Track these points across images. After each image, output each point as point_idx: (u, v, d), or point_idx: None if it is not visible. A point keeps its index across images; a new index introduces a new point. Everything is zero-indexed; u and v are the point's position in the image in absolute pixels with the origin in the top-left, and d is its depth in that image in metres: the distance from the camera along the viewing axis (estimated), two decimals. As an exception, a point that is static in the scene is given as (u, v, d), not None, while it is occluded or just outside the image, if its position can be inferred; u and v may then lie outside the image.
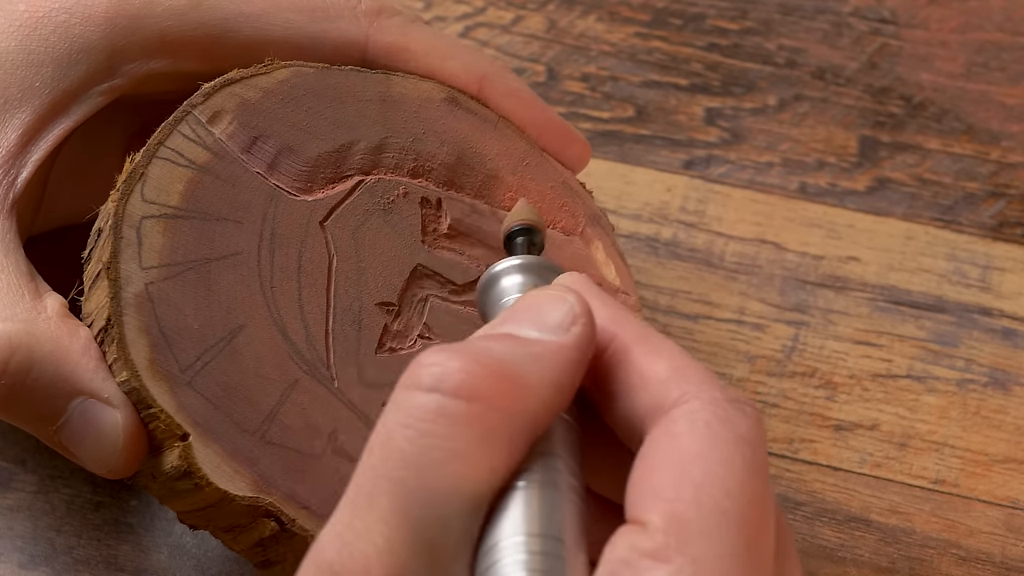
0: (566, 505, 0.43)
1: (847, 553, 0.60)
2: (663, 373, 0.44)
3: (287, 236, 0.53)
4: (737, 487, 0.42)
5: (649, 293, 0.65)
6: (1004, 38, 0.71)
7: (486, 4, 0.72)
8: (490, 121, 0.58)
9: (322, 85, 0.55)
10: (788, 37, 0.71)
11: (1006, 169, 0.68)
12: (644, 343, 0.45)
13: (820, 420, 0.63)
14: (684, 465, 0.42)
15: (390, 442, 0.43)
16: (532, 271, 0.49)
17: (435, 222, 0.56)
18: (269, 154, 0.54)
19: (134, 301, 0.51)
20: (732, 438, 0.43)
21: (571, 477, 0.44)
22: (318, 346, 0.53)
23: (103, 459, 0.51)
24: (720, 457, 0.42)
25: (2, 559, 0.59)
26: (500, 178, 0.57)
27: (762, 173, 0.68)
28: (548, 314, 0.45)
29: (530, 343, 0.44)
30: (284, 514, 0.51)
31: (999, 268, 0.66)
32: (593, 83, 0.70)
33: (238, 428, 0.51)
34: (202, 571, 0.59)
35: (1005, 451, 0.62)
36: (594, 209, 0.59)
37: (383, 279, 0.55)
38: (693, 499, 0.42)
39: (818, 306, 0.65)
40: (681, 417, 0.43)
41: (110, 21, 0.54)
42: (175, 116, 0.53)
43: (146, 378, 0.50)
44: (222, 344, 0.51)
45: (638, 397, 0.44)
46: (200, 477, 0.50)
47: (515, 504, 0.43)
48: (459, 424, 0.42)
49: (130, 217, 0.51)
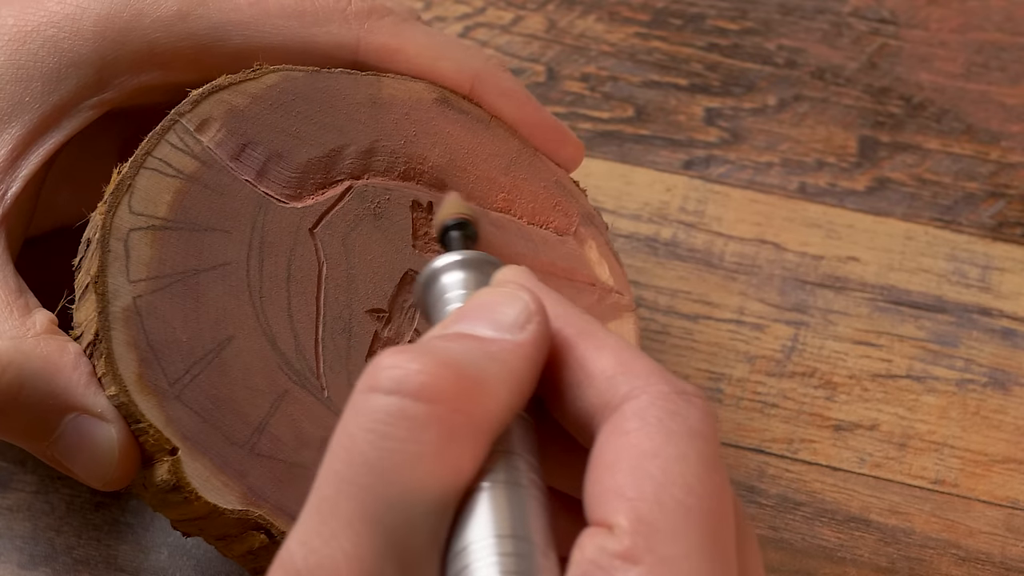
0: (531, 504, 0.43)
1: (847, 553, 0.60)
2: (609, 368, 0.44)
3: (276, 244, 0.53)
4: (696, 482, 0.42)
5: (649, 293, 0.65)
6: (1004, 38, 0.71)
7: (486, 4, 0.72)
8: (482, 121, 0.57)
9: (311, 89, 0.55)
10: (788, 37, 0.71)
11: (1006, 169, 0.68)
12: (588, 338, 0.45)
13: (820, 420, 0.62)
14: (642, 463, 0.42)
15: (352, 446, 0.42)
16: (471, 266, 0.48)
17: (426, 225, 0.56)
18: (258, 161, 0.53)
19: (122, 315, 0.50)
20: (685, 432, 0.42)
21: (532, 474, 0.44)
22: (308, 356, 0.52)
23: (98, 473, 0.51)
24: (676, 453, 0.42)
25: (2, 559, 0.59)
26: (492, 179, 0.57)
27: (762, 173, 0.68)
28: (503, 313, 0.44)
29: (487, 342, 0.44)
30: (274, 526, 0.50)
31: (999, 268, 0.66)
32: (593, 83, 0.70)
33: (227, 441, 0.50)
34: (202, 571, 0.59)
35: (1005, 451, 0.62)
36: (588, 208, 0.58)
37: (373, 285, 0.54)
38: (655, 498, 0.42)
39: (818, 306, 0.65)
40: (632, 414, 0.43)
41: (99, 35, 0.54)
42: (163, 125, 0.52)
43: (134, 393, 0.50)
44: (211, 356, 0.51)
45: (586, 394, 0.44)
46: (189, 491, 0.49)
47: (482, 505, 0.42)
48: (421, 426, 0.42)
49: (117, 230, 0.51)
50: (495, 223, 0.56)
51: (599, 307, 0.57)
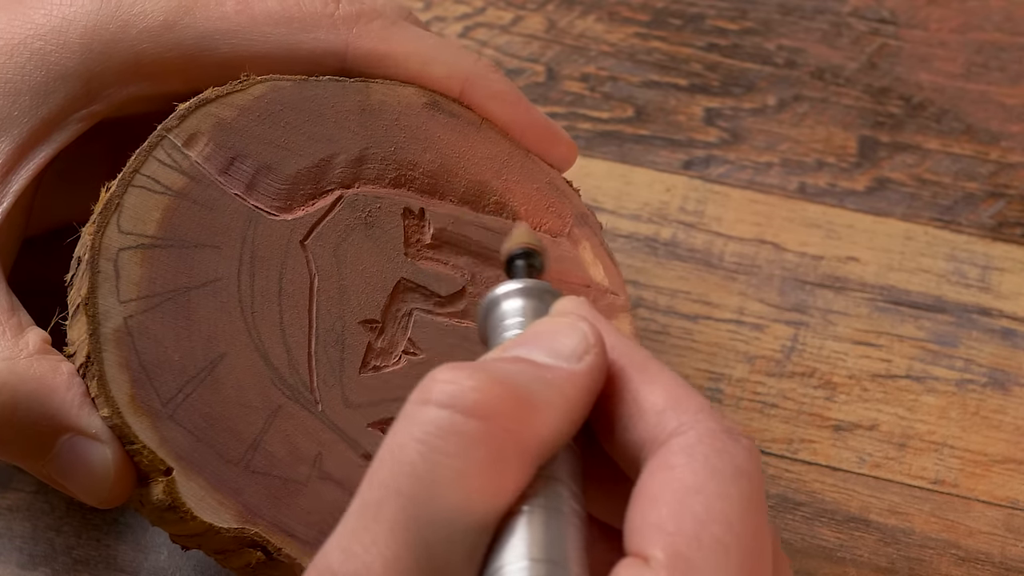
0: (570, 531, 0.43)
1: (846, 553, 0.60)
2: (660, 403, 0.44)
3: (267, 258, 0.52)
4: (737, 521, 0.42)
5: (649, 293, 0.65)
6: (1004, 38, 0.71)
7: (485, 4, 0.72)
8: (473, 124, 0.56)
9: (300, 98, 0.54)
10: (787, 37, 0.71)
11: (1005, 169, 0.68)
12: (642, 372, 0.45)
13: (819, 420, 0.62)
14: (684, 499, 0.42)
15: (401, 456, 0.42)
16: (533, 295, 0.48)
17: (418, 232, 0.55)
18: (247, 174, 0.53)
19: (113, 336, 0.50)
20: (730, 471, 0.43)
21: (574, 502, 0.44)
22: (301, 370, 0.52)
23: (94, 492, 0.51)
24: (719, 491, 0.42)
25: (2, 559, 0.59)
26: (484, 182, 0.56)
27: (761, 173, 0.68)
28: (561, 342, 0.44)
29: (544, 368, 0.44)
30: (270, 543, 0.50)
31: (998, 268, 0.66)
32: (592, 83, 0.70)
33: (221, 459, 0.50)
34: (201, 571, 0.59)
35: (1004, 451, 0.62)
36: (581, 208, 0.58)
37: (366, 296, 0.53)
38: (694, 534, 0.42)
39: (817, 306, 0.65)
40: (679, 449, 0.43)
41: (85, 47, 0.53)
42: (150, 141, 0.52)
43: (127, 414, 0.49)
44: (203, 374, 0.50)
45: (635, 426, 0.44)
46: (184, 511, 0.49)
47: (520, 528, 0.42)
48: (471, 443, 0.42)
49: (107, 250, 0.50)
50: (488, 227, 0.56)
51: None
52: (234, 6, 0.54)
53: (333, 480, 0.51)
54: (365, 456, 0.52)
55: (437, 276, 0.55)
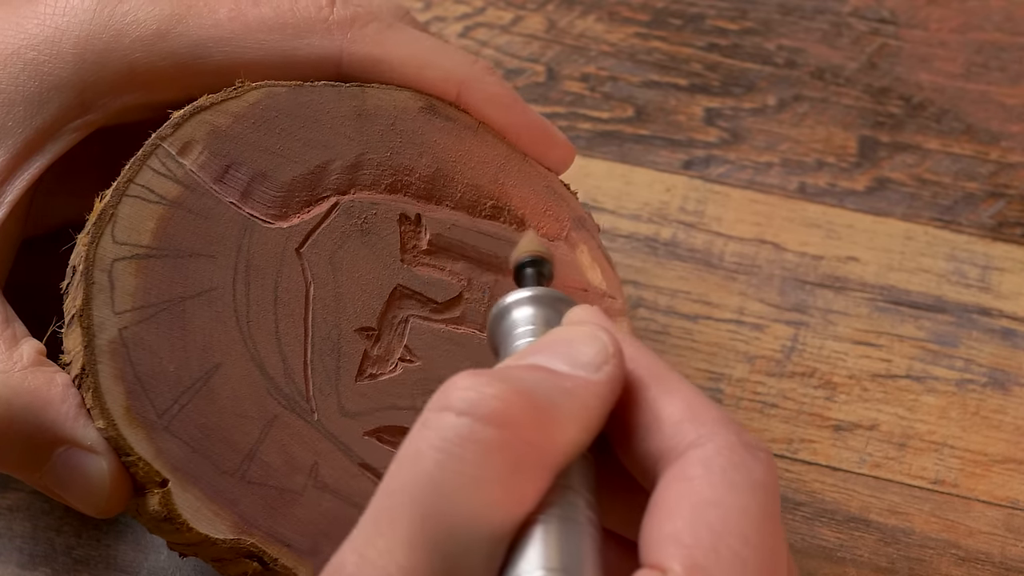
0: (585, 540, 0.43)
1: (846, 553, 0.60)
2: (677, 414, 0.44)
3: (262, 267, 0.52)
4: (754, 534, 0.42)
5: (649, 293, 0.65)
6: (1004, 38, 0.71)
7: (485, 4, 0.72)
8: (469, 128, 0.56)
9: (295, 104, 0.53)
10: (788, 37, 0.71)
11: (1005, 169, 0.68)
12: (659, 382, 0.45)
13: (819, 420, 0.62)
14: (701, 511, 0.42)
15: (418, 462, 0.41)
16: (544, 303, 0.48)
17: (415, 238, 0.55)
18: (242, 182, 0.52)
19: (108, 348, 0.49)
20: (748, 484, 0.42)
21: (589, 512, 0.43)
22: (296, 379, 0.51)
23: (91, 503, 0.50)
24: (737, 504, 0.42)
25: (2, 559, 0.59)
26: (481, 186, 0.56)
27: (761, 173, 0.68)
28: (580, 351, 0.44)
29: (563, 377, 0.44)
30: (266, 553, 0.50)
31: (998, 268, 0.66)
32: (593, 83, 0.70)
33: (217, 470, 0.50)
34: (201, 571, 0.59)
35: (1004, 451, 0.62)
36: (579, 211, 0.57)
37: (362, 303, 0.53)
38: (712, 547, 0.41)
39: (817, 306, 0.65)
40: (697, 461, 0.43)
41: (79, 57, 0.53)
42: (144, 151, 0.51)
43: (123, 426, 0.49)
44: (199, 385, 0.50)
45: (652, 437, 0.44)
46: (180, 522, 0.49)
47: (536, 537, 0.42)
48: (489, 451, 0.41)
49: (101, 261, 0.50)
50: (485, 232, 0.55)
51: None
52: (227, 13, 0.54)
53: (329, 489, 0.51)
54: (361, 465, 0.51)
55: (433, 282, 0.54)
